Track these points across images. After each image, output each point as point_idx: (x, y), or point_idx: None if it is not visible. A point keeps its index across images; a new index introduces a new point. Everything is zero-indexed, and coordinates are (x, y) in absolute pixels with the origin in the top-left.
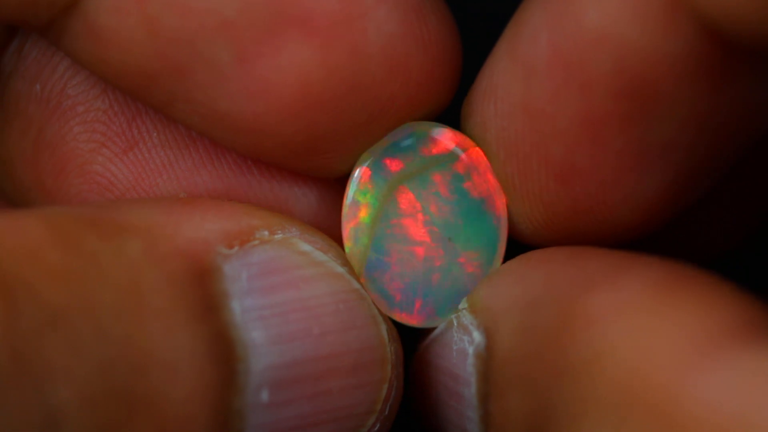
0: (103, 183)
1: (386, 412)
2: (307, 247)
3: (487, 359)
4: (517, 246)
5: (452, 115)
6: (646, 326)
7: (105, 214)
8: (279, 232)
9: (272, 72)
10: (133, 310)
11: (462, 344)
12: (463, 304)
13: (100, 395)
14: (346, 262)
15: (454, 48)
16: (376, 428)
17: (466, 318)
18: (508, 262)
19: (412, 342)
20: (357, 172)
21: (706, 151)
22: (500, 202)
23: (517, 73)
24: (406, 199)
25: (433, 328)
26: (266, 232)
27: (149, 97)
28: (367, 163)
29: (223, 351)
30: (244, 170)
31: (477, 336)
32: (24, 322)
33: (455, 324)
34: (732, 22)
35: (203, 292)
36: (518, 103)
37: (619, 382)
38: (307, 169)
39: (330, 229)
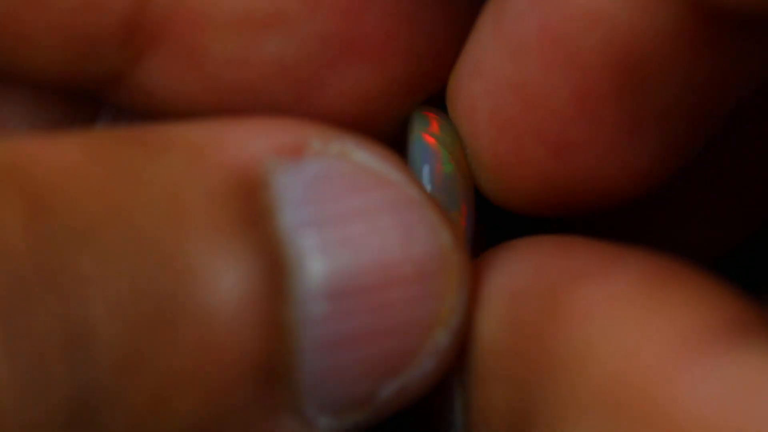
0: None
1: (453, 325)
2: (364, 155)
3: (470, 348)
4: (514, 231)
5: None
6: (630, 324)
7: (146, 132)
8: (334, 142)
9: (334, 100)
10: (174, 223)
11: None
12: None
13: (135, 311)
14: (404, 170)
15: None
16: (443, 342)
17: None
18: (492, 250)
19: None
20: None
21: (699, 118)
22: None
23: (505, 50)
24: None
25: None
26: (320, 143)
27: None
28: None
29: (274, 261)
30: None
31: None
32: (52, 231)
33: None
34: None
35: (252, 203)
36: (508, 81)
37: (600, 384)
38: None
39: None
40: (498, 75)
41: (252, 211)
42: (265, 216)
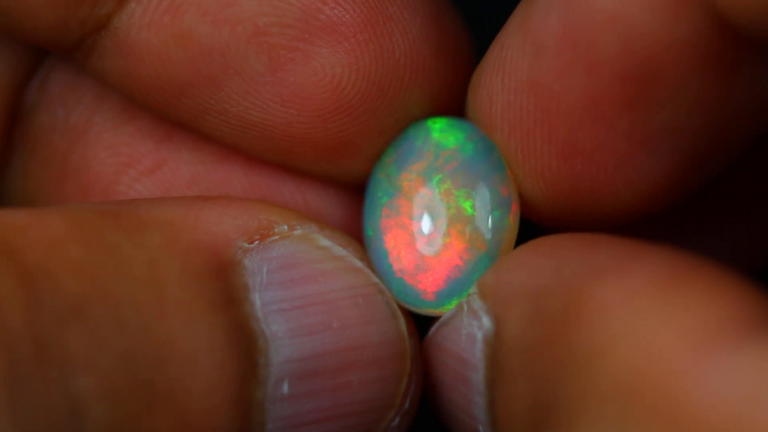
0: None
1: (406, 406)
2: (327, 242)
3: (495, 346)
4: (530, 232)
5: None
6: (649, 319)
7: (126, 209)
8: (298, 227)
9: (304, 78)
10: (154, 301)
11: (471, 329)
12: (473, 289)
13: (122, 386)
14: (364, 257)
15: (469, 55)
16: (395, 422)
17: (477, 303)
18: (519, 248)
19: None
20: None
21: (712, 140)
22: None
23: (527, 49)
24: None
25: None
26: (285, 227)
27: (179, 111)
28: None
29: (244, 343)
30: (277, 180)
31: (486, 322)
32: (46, 312)
33: (465, 308)
34: (740, 16)
35: (223, 285)
36: (525, 78)
37: (619, 379)
38: (334, 174)
39: (360, 238)
40: (516, 71)
41: (225, 292)
42: (236, 298)
